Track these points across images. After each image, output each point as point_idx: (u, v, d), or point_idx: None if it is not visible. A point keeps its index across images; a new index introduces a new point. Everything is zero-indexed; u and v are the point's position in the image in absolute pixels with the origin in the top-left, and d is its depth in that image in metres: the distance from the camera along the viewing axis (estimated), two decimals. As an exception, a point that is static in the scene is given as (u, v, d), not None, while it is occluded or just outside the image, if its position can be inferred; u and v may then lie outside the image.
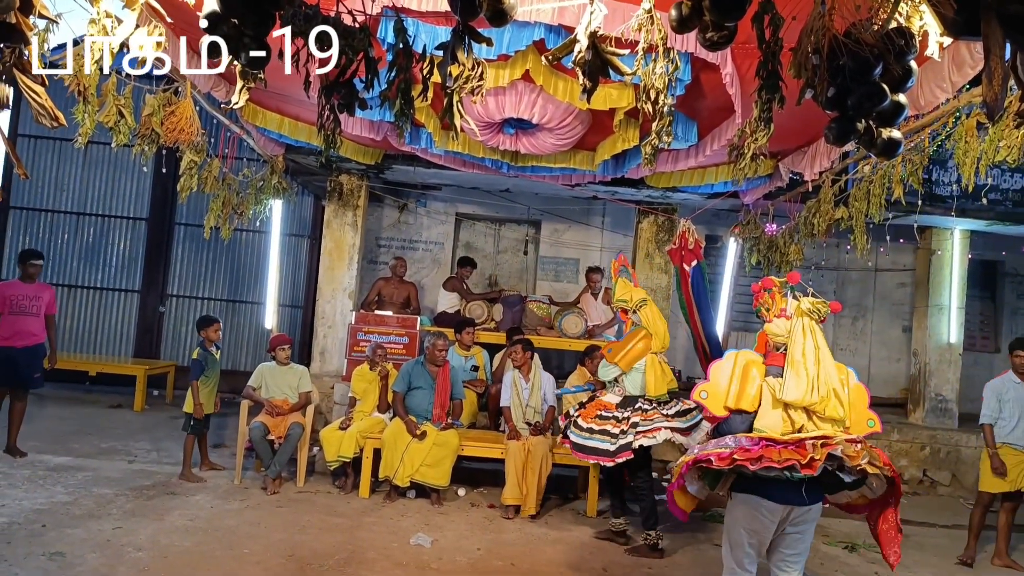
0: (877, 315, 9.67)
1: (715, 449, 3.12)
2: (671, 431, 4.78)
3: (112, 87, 4.48)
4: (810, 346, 3.22)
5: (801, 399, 3.09)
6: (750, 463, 2.98)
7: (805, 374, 3.13)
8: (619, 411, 4.97)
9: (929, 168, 6.89)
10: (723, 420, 3.32)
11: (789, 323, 3.32)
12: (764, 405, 3.20)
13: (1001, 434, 5.25)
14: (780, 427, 3.12)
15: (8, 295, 6.04)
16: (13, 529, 4.31)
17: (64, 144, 9.83)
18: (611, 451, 4.76)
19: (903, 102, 2.21)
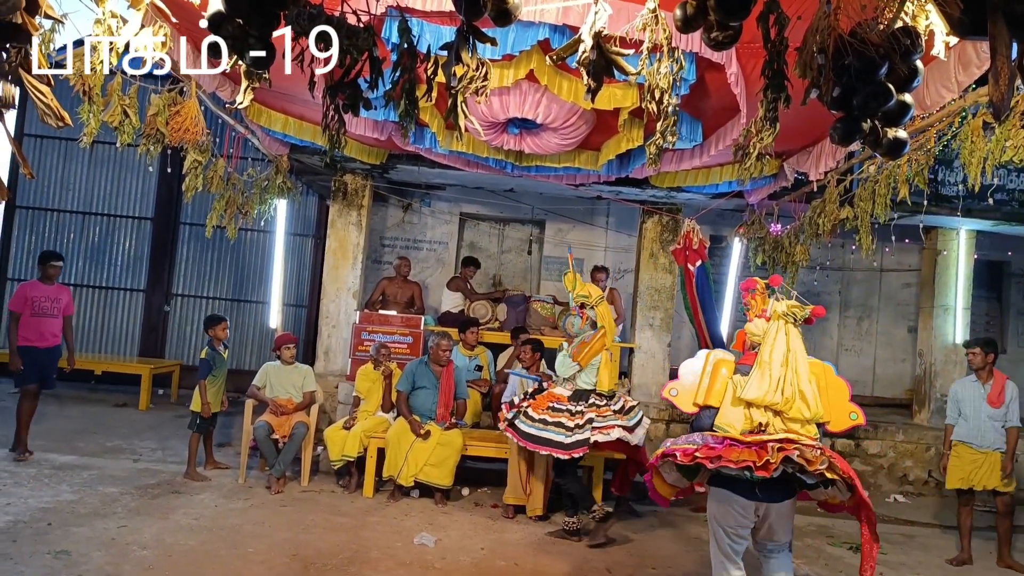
0: (882, 315, 9.64)
1: (683, 445, 3.30)
2: (622, 429, 4.98)
3: (117, 87, 4.49)
4: (780, 348, 3.30)
5: (762, 398, 3.20)
6: (709, 461, 3.12)
7: (770, 375, 3.23)
8: (571, 404, 5.07)
9: (935, 168, 6.87)
10: (695, 416, 3.52)
11: (766, 324, 3.43)
12: (725, 402, 3.36)
13: (959, 433, 5.32)
14: (741, 424, 3.26)
15: (31, 296, 6.07)
16: (19, 527, 4.33)
17: (69, 144, 9.86)
18: (565, 444, 4.87)
19: (909, 102, 2.20)
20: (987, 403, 5.20)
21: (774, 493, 3.22)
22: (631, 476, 5.99)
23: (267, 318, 8.80)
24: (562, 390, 5.20)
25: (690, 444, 3.28)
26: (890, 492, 7.43)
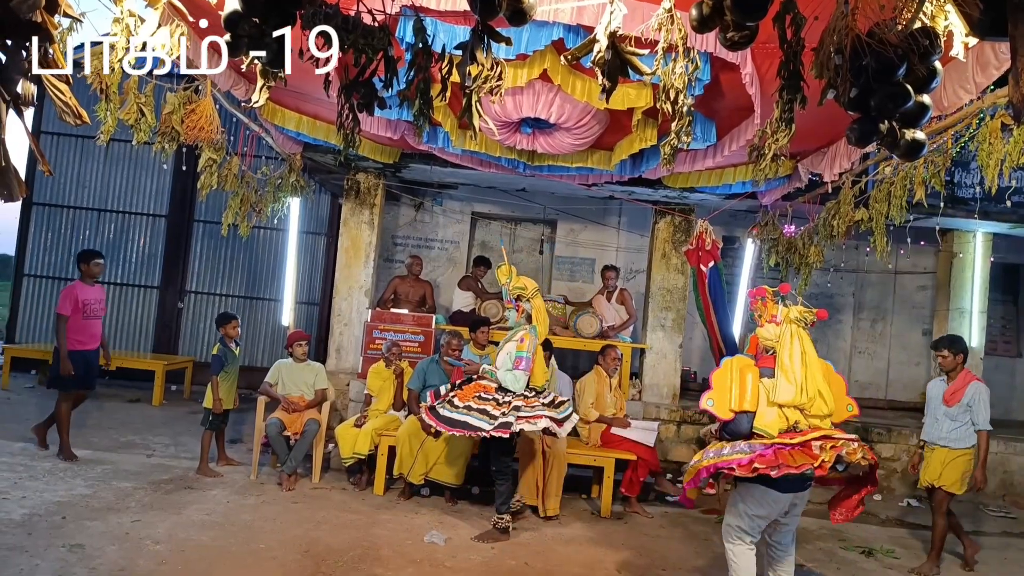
0: (897, 318, 9.56)
1: (734, 456, 3.51)
2: (550, 420, 4.90)
3: (133, 85, 4.53)
4: (797, 351, 3.59)
5: (792, 400, 3.49)
6: (771, 470, 3.37)
7: (794, 378, 3.52)
8: (499, 394, 5.01)
9: (951, 170, 6.81)
10: (730, 421, 3.66)
11: (778, 329, 3.70)
12: (761, 405, 3.59)
13: (924, 432, 5.29)
14: (778, 424, 3.53)
15: (81, 299, 5.94)
16: (34, 521, 4.37)
17: (86, 141, 9.96)
18: (487, 428, 4.78)
19: (927, 103, 2.18)
20: (943, 402, 5.16)
21: (798, 482, 3.54)
22: (641, 477, 5.98)
23: (280, 315, 8.85)
24: (490, 382, 5.12)
25: (740, 454, 3.50)
26: (903, 496, 7.37)
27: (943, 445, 5.07)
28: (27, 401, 8.15)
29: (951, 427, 5.06)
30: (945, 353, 5.16)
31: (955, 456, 5.01)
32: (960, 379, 5.13)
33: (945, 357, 5.16)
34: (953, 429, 5.04)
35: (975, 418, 4.99)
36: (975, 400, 5.00)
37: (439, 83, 2.90)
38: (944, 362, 5.19)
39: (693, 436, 7.56)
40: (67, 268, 10.20)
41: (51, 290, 10.19)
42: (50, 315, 10.16)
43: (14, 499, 4.72)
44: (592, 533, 5.33)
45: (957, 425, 5.04)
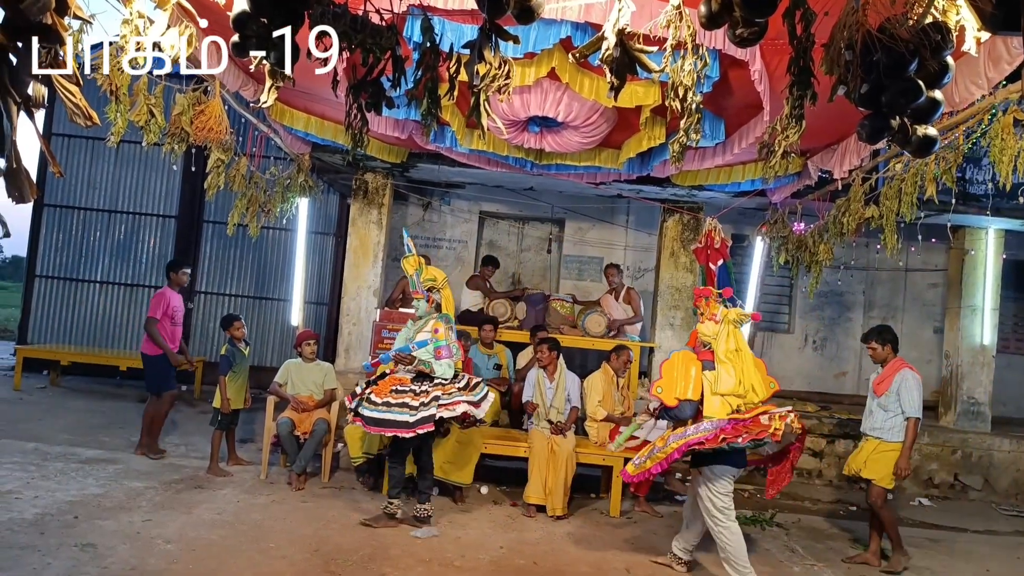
0: (908, 316, 9.50)
1: (699, 433, 4.04)
2: (467, 404, 4.92)
3: (143, 87, 4.55)
4: (732, 347, 4.19)
5: (732, 390, 4.09)
6: (737, 439, 3.92)
7: (732, 370, 4.13)
8: (415, 385, 4.97)
9: (963, 166, 6.74)
10: (673, 408, 4.23)
11: (717, 327, 4.29)
12: (706, 395, 4.16)
13: (862, 424, 5.27)
14: (723, 410, 4.08)
15: (172, 305, 6.33)
16: (46, 520, 4.40)
17: (96, 143, 10.02)
18: (411, 422, 4.75)
19: (939, 99, 2.16)
20: (873, 391, 5.11)
21: (743, 458, 4.26)
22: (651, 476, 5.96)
23: (289, 315, 8.88)
24: (404, 373, 5.06)
25: (705, 432, 4.03)
26: (915, 495, 7.32)
27: (875, 436, 5.03)
28: (39, 401, 8.21)
29: (883, 417, 5.01)
30: (874, 345, 5.14)
31: (885, 449, 4.96)
32: (889, 368, 5.09)
33: (875, 349, 5.14)
34: (885, 420, 4.99)
35: (903, 405, 4.92)
36: (902, 387, 4.94)
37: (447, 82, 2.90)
38: (874, 354, 5.16)
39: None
40: (78, 269, 10.28)
41: (62, 291, 10.27)
42: (62, 316, 10.24)
43: (27, 498, 4.75)
44: (601, 532, 5.32)
45: (888, 415, 4.98)
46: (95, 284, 10.28)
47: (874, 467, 4.97)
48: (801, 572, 4.81)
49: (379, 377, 5.23)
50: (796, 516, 6.14)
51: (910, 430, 4.90)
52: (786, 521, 5.97)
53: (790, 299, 9.69)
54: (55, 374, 9.25)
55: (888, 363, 5.11)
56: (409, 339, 5.14)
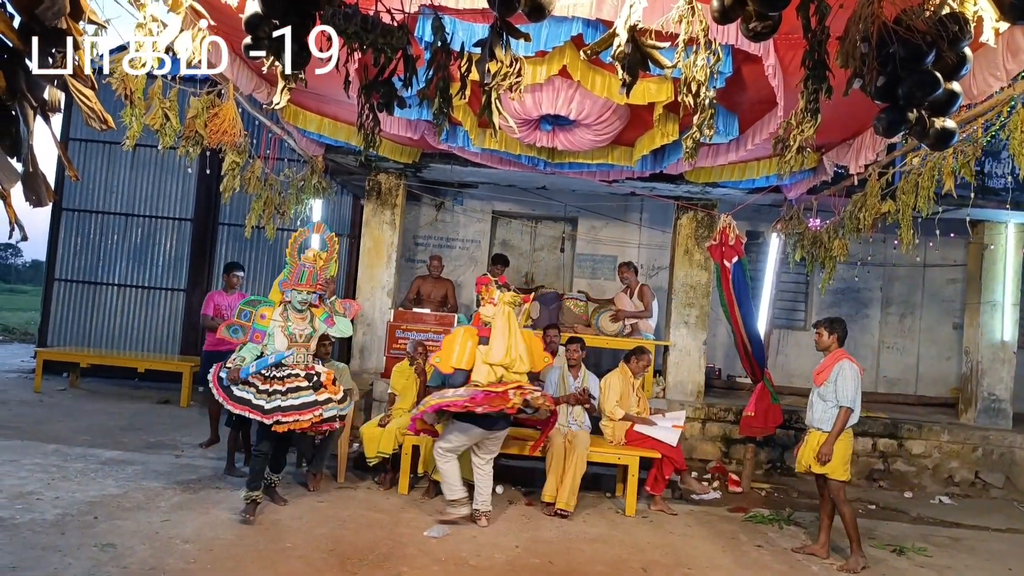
0: (926, 312, 9.39)
1: (455, 398, 4.87)
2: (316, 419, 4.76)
3: (158, 90, 4.59)
4: (504, 325, 5.01)
5: (501, 360, 4.93)
6: (478, 408, 4.76)
7: (503, 343, 4.96)
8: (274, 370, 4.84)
9: (981, 160, 6.66)
10: (451, 375, 5.09)
11: (495, 309, 5.09)
12: (476, 364, 4.99)
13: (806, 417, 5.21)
14: (488, 377, 4.92)
15: (218, 304, 6.68)
16: (66, 520, 4.45)
17: (113, 147, 10.12)
18: (265, 408, 4.65)
19: (957, 90, 2.13)
20: (813, 382, 5.06)
21: (493, 422, 4.98)
22: (666, 475, 5.94)
23: (303, 316, 8.91)
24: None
25: (459, 397, 4.85)
26: (935, 493, 7.24)
27: (816, 427, 4.98)
28: (59, 403, 8.31)
29: (822, 408, 4.96)
30: (821, 331, 5.10)
31: (817, 436, 4.92)
32: (830, 358, 5.04)
33: (820, 335, 5.09)
34: (824, 411, 4.94)
35: (837, 395, 4.87)
36: (839, 377, 4.88)
37: (458, 81, 2.90)
38: (818, 340, 5.12)
39: (718, 434, 7.50)
40: (97, 272, 10.39)
41: (81, 294, 10.39)
42: (81, 318, 10.37)
43: (47, 499, 4.81)
44: (617, 532, 5.30)
45: (828, 406, 4.93)
46: (113, 287, 10.39)
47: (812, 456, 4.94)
48: (819, 571, 4.77)
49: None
50: (814, 514, 6.08)
51: (839, 418, 4.86)
52: (804, 519, 5.92)
53: (806, 296, 9.61)
54: (75, 376, 9.36)
55: (829, 353, 5.08)
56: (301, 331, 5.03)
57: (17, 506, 4.62)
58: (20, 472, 5.36)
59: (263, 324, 4.90)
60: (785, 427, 7.28)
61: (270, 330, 4.89)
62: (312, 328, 5.02)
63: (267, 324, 4.90)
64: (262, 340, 4.88)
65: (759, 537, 5.39)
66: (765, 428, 6.89)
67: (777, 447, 7.45)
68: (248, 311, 5.01)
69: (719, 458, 7.45)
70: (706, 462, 7.40)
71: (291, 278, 4.98)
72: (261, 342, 4.89)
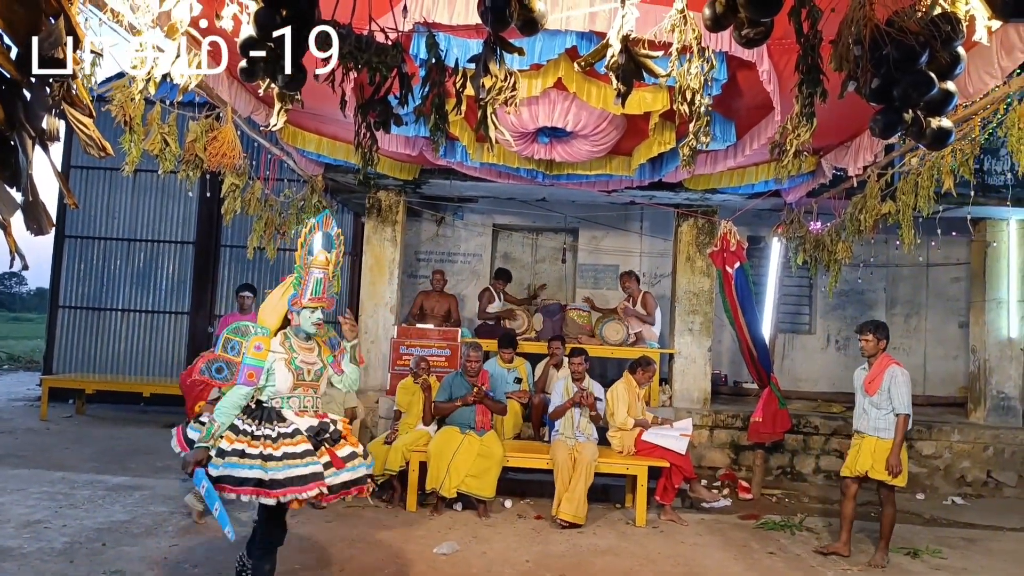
0: (931, 312, 9.35)
1: None
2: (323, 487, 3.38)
3: (156, 116, 4.62)
4: None
5: None
6: None
7: None
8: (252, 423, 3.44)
9: (980, 157, 6.66)
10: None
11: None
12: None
13: (854, 421, 5.18)
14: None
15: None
16: (75, 548, 4.43)
17: (113, 173, 10.19)
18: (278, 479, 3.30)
19: (952, 90, 2.13)
20: (864, 390, 5.04)
21: None
22: (675, 484, 5.90)
23: (307, 336, 8.91)
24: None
25: None
26: (947, 494, 7.18)
27: (871, 435, 4.97)
28: (65, 430, 8.30)
29: (876, 415, 4.96)
30: (869, 337, 5.06)
31: (885, 447, 4.90)
32: (878, 365, 5.03)
33: (868, 340, 5.06)
34: (878, 418, 4.94)
35: (893, 402, 4.88)
36: (892, 384, 4.89)
37: (454, 97, 2.91)
38: (866, 346, 5.08)
39: (727, 441, 7.46)
40: (100, 298, 10.41)
41: (86, 321, 10.41)
42: (85, 345, 10.39)
43: (55, 527, 4.79)
44: (627, 543, 5.26)
45: (882, 413, 4.93)
46: (117, 312, 10.41)
47: (880, 467, 4.91)
48: (834, 577, 4.73)
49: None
50: (826, 520, 6.04)
51: (900, 427, 4.87)
52: (816, 525, 5.88)
53: (810, 299, 9.59)
54: (80, 403, 9.36)
55: (877, 359, 5.07)
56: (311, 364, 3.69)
57: (25, 535, 4.60)
58: (28, 501, 5.35)
59: (258, 358, 3.50)
60: (793, 432, 7.24)
61: (269, 366, 3.50)
62: (321, 363, 3.68)
63: (264, 358, 3.51)
64: (257, 380, 3.48)
65: (771, 544, 5.35)
66: (773, 433, 6.86)
67: (786, 452, 7.40)
68: (236, 342, 3.56)
69: (728, 465, 7.40)
70: (715, 470, 7.35)
71: (301, 292, 3.59)
72: (256, 383, 3.48)
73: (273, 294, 3.82)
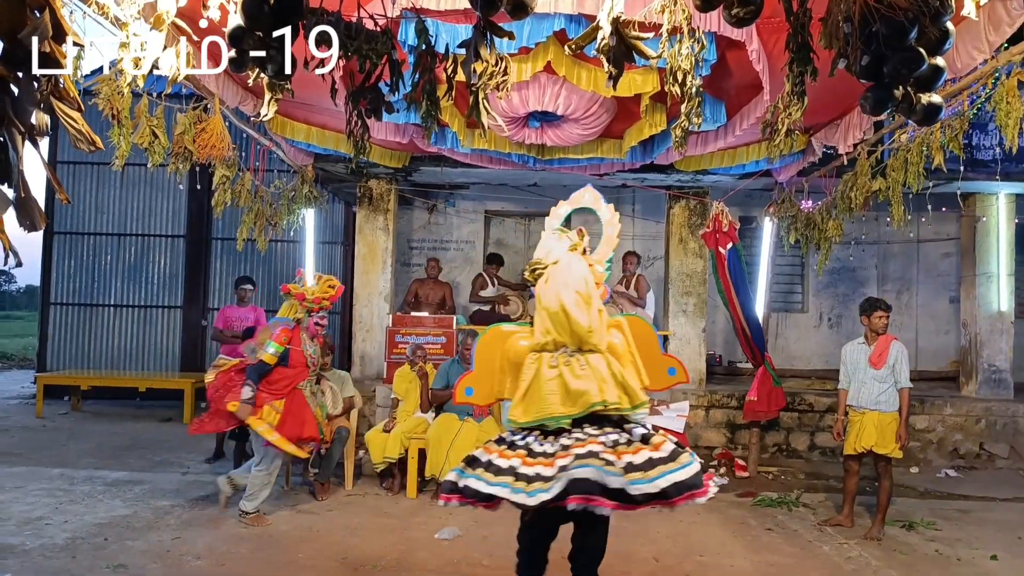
0: (922, 287, 9.42)
1: None
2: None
3: (144, 109, 4.58)
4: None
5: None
6: None
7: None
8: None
9: (969, 132, 6.67)
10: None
11: None
12: None
13: (850, 397, 5.26)
14: None
15: (232, 318, 6.86)
16: (77, 543, 4.44)
17: (102, 168, 10.09)
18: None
19: (942, 65, 2.14)
20: (870, 365, 5.15)
21: None
22: None
23: (302, 327, 8.89)
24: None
25: None
26: (941, 467, 7.27)
27: (873, 409, 5.08)
28: (62, 427, 8.29)
29: (880, 390, 5.08)
30: (882, 313, 5.20)
31: (889, 420, 5.03)
32: (883, 341, 5.17)
33: (881, 317, 5.20)
34: (882, 392, 5.07)
35: (897, 377, 5.04)
36: (898, 360, 5.06)
37: (444, 83, 2.90)
38: (882, 323, 5.21)
39: (723, 420, 7.51)
40: (92, 294, 10.36)
41: (78, 317, 10.36)
42: (79, 341, 10.35)
43: (56, 523, 4.80)
44: (627, 523, 5.29)
45: (885, 387, 5.07)
46: (109, 308, 10.36)
47: (885, 441, 5.01)
48: (831, 551, 4.78)
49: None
50: (822, 495, 6.11)
51: (905, 400, 5.03)
52: (812, 501, 5.94)
53: (802, 278, 9.64)
54: (76, 399, 9.34)
55: (881, 336, 5.20)
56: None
57: (26, 532, 4.61)
58: (27, 498, 5.35)
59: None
60: (788, 410, 7.30)
61: None
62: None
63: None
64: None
65: (769, 520, 5.41)
66: (768, 412, 6.91)
67: (782, 430, 7.47)
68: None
69: (724, 444, 7.46)
70: (712, 449, 7.42)
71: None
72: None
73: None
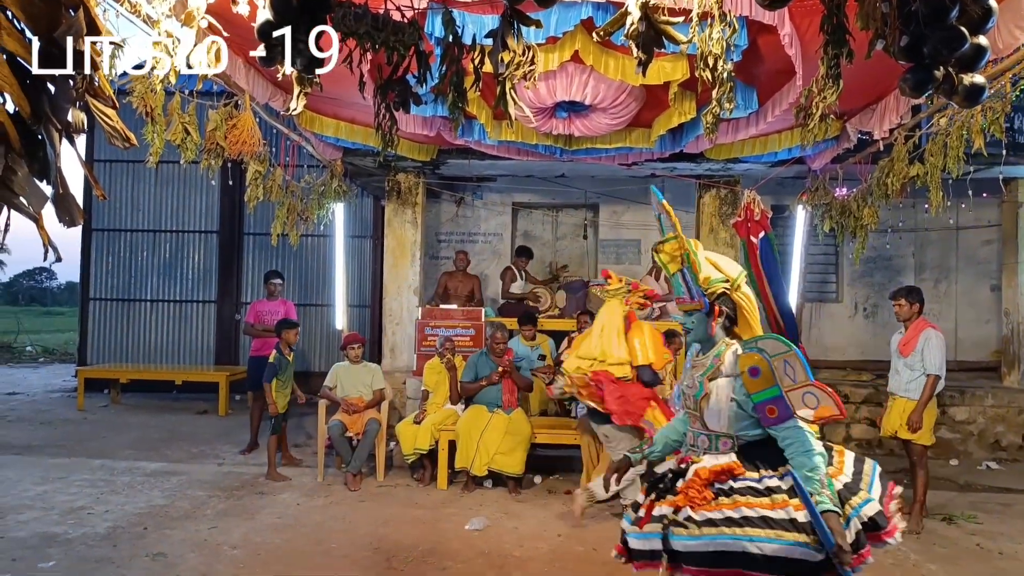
0: (962, 276, 9.17)
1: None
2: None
3: (177, 106, 4.65)
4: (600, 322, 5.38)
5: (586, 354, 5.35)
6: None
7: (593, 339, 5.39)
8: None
9: (1011, 115, 6.46)
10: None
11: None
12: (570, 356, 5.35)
13: (889, 383, 5.24)
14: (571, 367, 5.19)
15: (258, 311, 7.12)
16: (117, 532, 4.56)
17: (137, 166, 10.31)
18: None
19: (984, 44, 2.06)
20: (899, 353, 5.08)
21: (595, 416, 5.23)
22: None
23: (333, 320, 9.01)
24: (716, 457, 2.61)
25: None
26: (982, 460, 7.09)
27: (902, 395, 5.03)
28: (102, 420, 8.50)
29: (909, 377, 5.01)
30: (902, 302, 5.11)
31: (903, 403, 4.99)
32: (913, 328, 5.08)
33: (901, 306, 5.11)
34: (911, 380, 5.00)
35: (925, 363, 4.94)
36: (926, 347, 4.95)
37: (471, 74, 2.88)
38: (900, 310, 5.13)
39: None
40: (129, 289, 10.60)
41: (117, 312, 10.61)
42: (117, 335, 10.60)
43: (98, 513, 4.93)
44: (659, 515, 5.27)
45: (914, 375, 4.99)
46: (146, 303, 10.60)
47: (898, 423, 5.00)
48: (868, 544, 4.70)
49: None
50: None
51: (928, 386, 4.93)
52: (848, 493, 5.84)
53: (836, 267, 9.45)
54: (115, 392, 9.57)
55: (912, 323, 5.11)
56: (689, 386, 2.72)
57: (69, 521, 4.74)
58: (70, 488, 5.50)
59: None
60: (823, 401, 7.17)
61: None
62: None
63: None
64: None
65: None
66: (802, 403, 6.80)
67: (816, 422, 7.34)
68: None
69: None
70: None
71: None
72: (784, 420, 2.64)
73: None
